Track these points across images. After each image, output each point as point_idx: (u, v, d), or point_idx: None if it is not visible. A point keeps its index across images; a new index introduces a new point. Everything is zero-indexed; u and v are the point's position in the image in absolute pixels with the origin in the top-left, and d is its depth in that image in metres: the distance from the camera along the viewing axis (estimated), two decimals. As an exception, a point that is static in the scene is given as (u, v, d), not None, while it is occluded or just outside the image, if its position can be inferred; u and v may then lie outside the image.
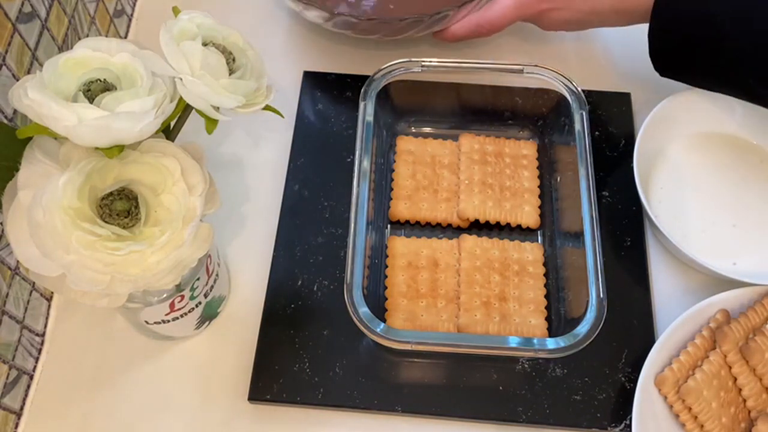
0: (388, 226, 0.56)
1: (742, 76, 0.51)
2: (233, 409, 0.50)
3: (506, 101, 0.59)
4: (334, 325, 0.52)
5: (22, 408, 0.49)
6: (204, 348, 0.52)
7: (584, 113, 0.54)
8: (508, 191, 0.57)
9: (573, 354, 0.45)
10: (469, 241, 0.54)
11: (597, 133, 0.60)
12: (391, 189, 0.57)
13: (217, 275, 0.49)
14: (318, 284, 0.54)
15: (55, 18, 0.52)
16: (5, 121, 0.44)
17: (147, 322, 0.48)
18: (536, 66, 0.55)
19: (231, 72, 0.39)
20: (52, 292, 0.53)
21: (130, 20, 0.67)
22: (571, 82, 0.55)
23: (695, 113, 0.59)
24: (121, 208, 0.36)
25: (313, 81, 0.63)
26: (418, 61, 0.55)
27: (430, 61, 0.55)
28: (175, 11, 0.40)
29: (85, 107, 0.34)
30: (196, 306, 0.48)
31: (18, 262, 0.43)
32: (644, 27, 0.54)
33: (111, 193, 0.36)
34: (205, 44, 0.38)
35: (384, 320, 0.50)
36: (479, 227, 0.56)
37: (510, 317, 0.51)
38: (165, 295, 0.45)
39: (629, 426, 0.48)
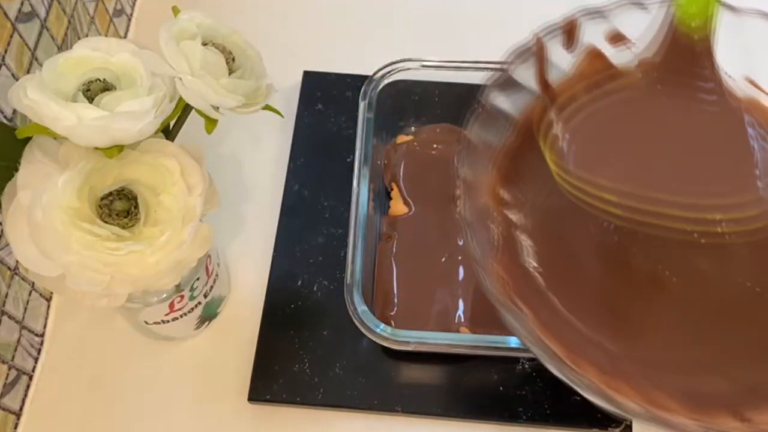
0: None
1: None
2: (233, 409, 0.50)
3: (506, 101, 0.59)
4: (334, 325, 0.52)
5: (21, 408, 0.49)
6: (204, 348, 0.52)
7: (584, 113, 0.53)
8: (508, 191, 0.56)
9: (573, 354, 0.45)
10: (469, 241, 0.54)
11: (597, 132, 0.60)
12: (391, 189, 0.57)
13: (216, 275, 0.49)
14: (318, 284, 0.54)
15: (54, 18, 0.52)
16: (5, 121, 0.44)
17: (147, 323, 0.48)
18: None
19: (231, 72, 0.39)
20: (52, 292, 0.53)
21: (129, 20, 0.67)
22: (571, 82, 0.55)
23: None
24: (120, 208, 0.36)
25: (313, 81, 0.63)
26: (418, 61, 0.55)
27: (430, 61, 0.55)
28: (175, 11, 0.40)
29: (85, 107, 0.34)
30: (196, 306, 0.48)
31: (18, 262, 0.43)
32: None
33: (111, 193, 0.36)
34: (204, 44, 0.38)
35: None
36: (479, 227, 0.56)
37: (510, 317, 0.51)
38: (165, 296, 0.45)
39: (629, 426, 0.48)
